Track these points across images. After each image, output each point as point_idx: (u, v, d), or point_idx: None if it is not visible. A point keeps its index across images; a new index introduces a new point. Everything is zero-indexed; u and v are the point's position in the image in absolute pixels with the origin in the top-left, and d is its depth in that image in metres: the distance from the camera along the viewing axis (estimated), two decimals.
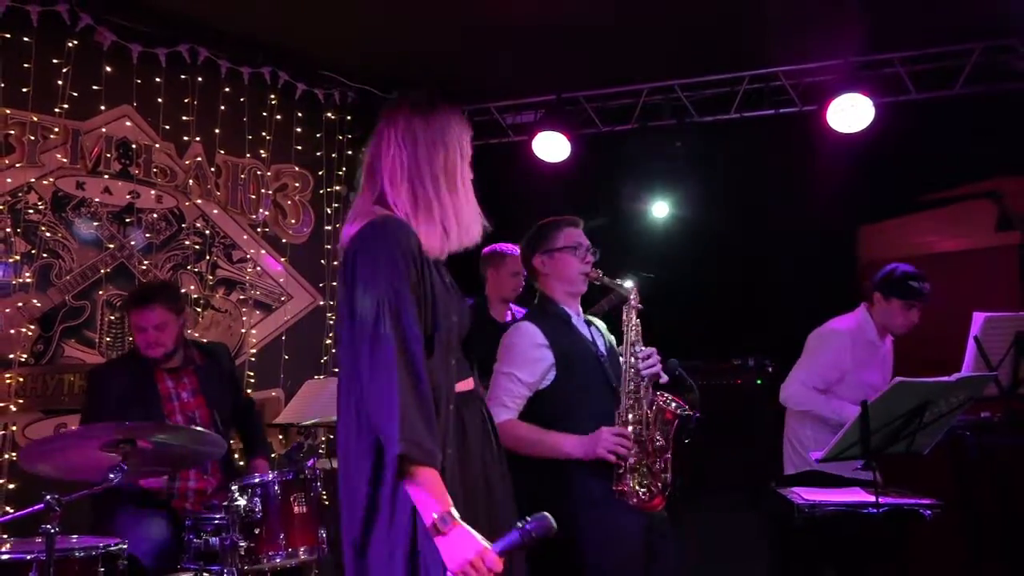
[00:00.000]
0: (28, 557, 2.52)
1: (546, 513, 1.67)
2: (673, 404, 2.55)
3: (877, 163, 4.67)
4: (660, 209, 5.21)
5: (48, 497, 2.42)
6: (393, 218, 1.84)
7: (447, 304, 1.84)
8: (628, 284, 2.66)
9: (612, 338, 2.81)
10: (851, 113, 4.45)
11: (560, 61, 4.81)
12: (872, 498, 2.70)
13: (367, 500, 1.74)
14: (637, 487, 2.49)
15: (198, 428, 2.89)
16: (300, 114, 5.01)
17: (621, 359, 2.59)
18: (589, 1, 4.12)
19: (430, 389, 1.73)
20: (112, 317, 4.22)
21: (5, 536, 2.97)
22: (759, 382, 5.04)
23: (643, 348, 2.58)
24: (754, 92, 4.97)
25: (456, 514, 1.68)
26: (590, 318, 2.83)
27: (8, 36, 3.86)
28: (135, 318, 3.36)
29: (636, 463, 2.49)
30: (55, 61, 4.02)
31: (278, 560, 2.80)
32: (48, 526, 2.42)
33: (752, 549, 4.02)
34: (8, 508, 3.60)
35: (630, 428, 2.50)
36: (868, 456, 2.55)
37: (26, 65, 3.92)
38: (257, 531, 2.78)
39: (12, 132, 3.93)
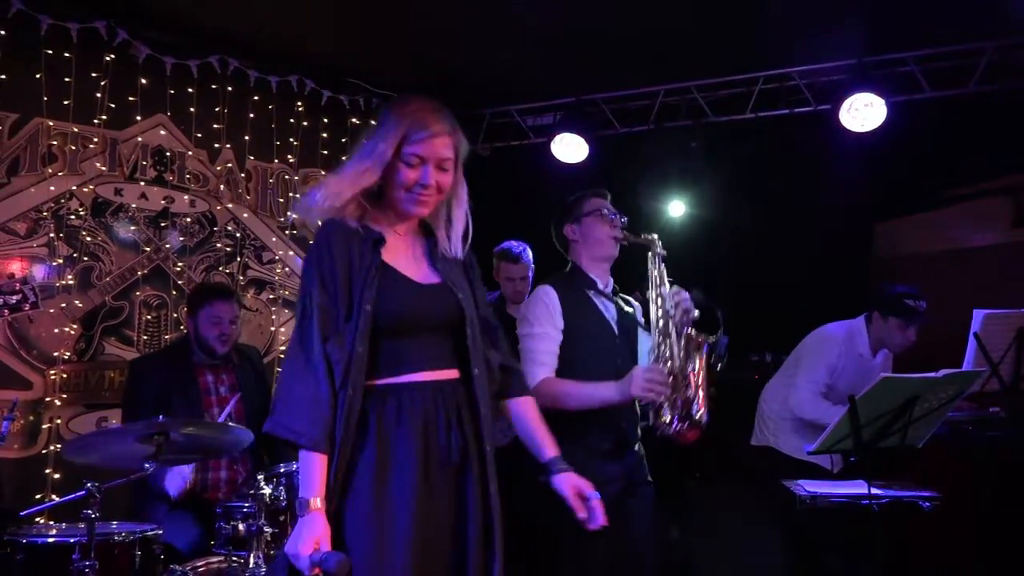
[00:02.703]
0: (71, 540, 2.73)
1: (338, 556, 1.71)
2: (699, 334, 2.60)
3: (891, 161, 4.71)
4: (676, 208, 5.30)
5: (89, 484, 2.62)
6: (325, 219, 1.95)
7: (364, 292, 1.87)
8: (652, 236, 2.74)
9: (638, 316, 2.87)
10: (865, 112, 4.50)
11: (578, 64, 4.92)
12: (876, 491, 2.78)
13: None
14: (671, 419, 2.55)
15: (229, 424, 3.06)
16: (326, 120, 5.18)
17: (651, 304, 2.67)
18: (607, 5, 4.22)
19: (321, 373, 1.81)
20: (149, 316, 4.43)
21: (51, 522, 3.18)
22: None
23: (668, 288, 2.66)
24: (769, 92, 5.03)
25: (313, 502, 1.76)
26: (625, 296, 2.90)
27: (50, 52, 4.08)
28: (216, 310, 3.51)
29: (670, 396, 2.55)
30: (94, 75, 4.24)
31: None
32: (89, 511, 2.61)
33: (764, 539, 4.11)
34: (54, 496, 3.83)
35: (662, 364, 2.56)
36: (860, 449, 2.63)
37: (67, 79, 4.14)
38: (282, 518, 2.93)
39: (55, 142, 4.16)
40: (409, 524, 1.80)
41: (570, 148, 5.19)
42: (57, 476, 3.96)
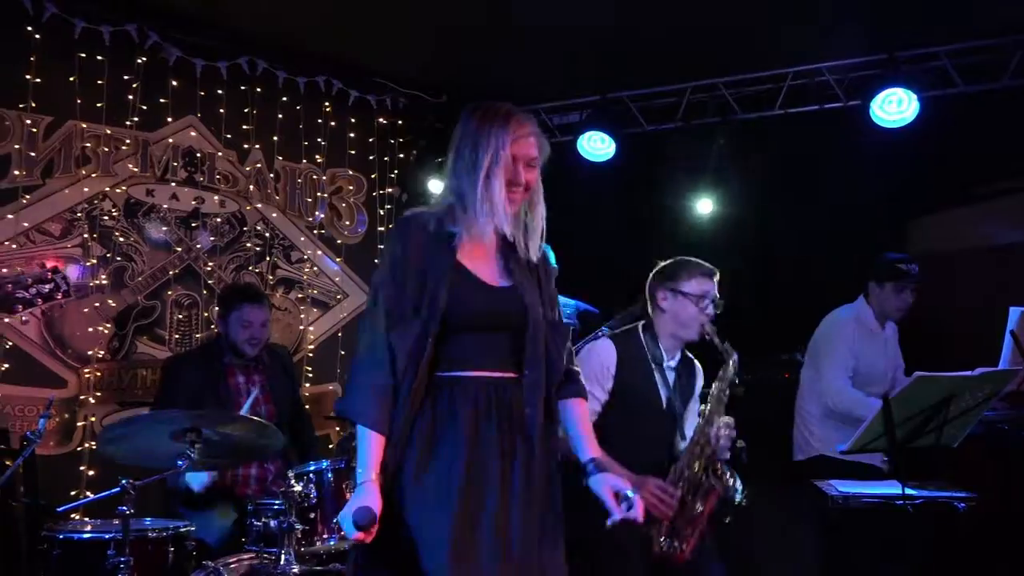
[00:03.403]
0: (107, 536, 2.77)
1: (367, 508, 1.83)
2: (729, 481, 2.60)
3: (923, 157, 4.64)
4: (705, 206, 5.26)
5: (124, 481, 2.65)
6: (405, 216, 2.09)
7: (438, 286, 1.95)
8: (732, 353, 2.67)
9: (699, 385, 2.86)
10: (897, 107, 4.45)
11: (605, 62, 4.91)
12: (910, 491, 2.75)
13: None
14: (662, 540, 2.59)
15: (262, 421, 3.09)
16: (353, 120, 5.21)
17: (700, 417, 2.65)
18: (633, 2, 4.20)
19: (387, 358, 1.94)
20: (180, 316, 4.49)
21: (86, 518, 3.23)
22: None
23: (723, 417, 2.62)
24: (798, 88, 4.97)
25: (367, 475, 1.90)
26: (691, 359, 2.87)
27: (83, 55, 4.14)
28: (246, 314, 3.56)
29: (669, 522, 2.57)
30: (126, 77, 4.30)
31: (331, 542, 2.98)
32: (124, 508, 2.65)
33: (797, 541, 4.07)
34: (88, 493, 3.88)
35: (679, 488, 2.56)
36: (895, 449, 2.60)
37: (99, 82, 4.20)
38: (312, 515, 2.96)
39: (88, 144, 4.22)
40: (454, 504, 1.87)
41: (597, 146, 5.18)
42: (92, 473, 4.02)
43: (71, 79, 4.11)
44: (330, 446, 4.91)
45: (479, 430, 1.94)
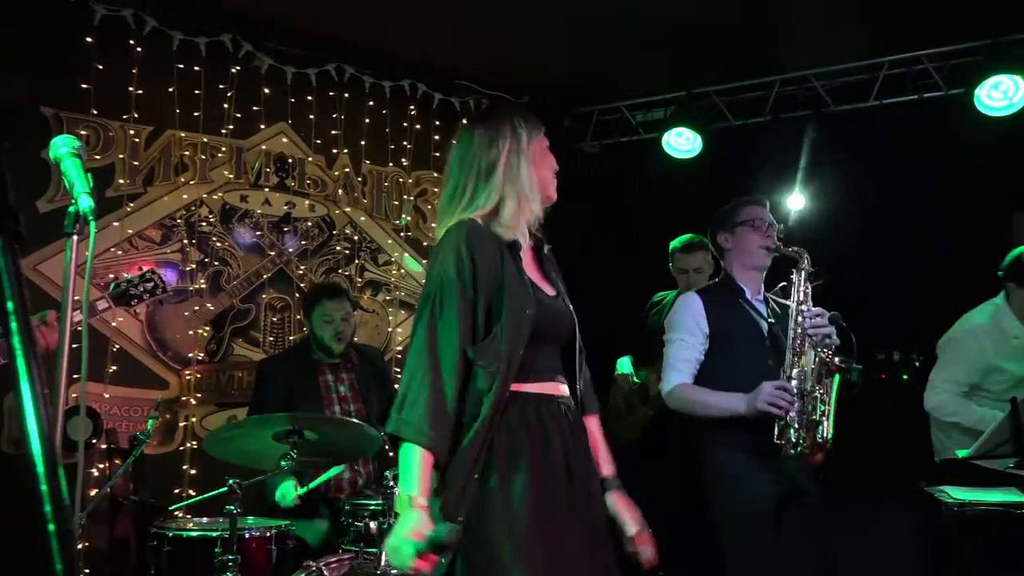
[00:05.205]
0: (214, 534, 2.85)
1: (449, 527, 1.71)
2: (836, 359, 2.61)
3: None
4: (797, 201, 5.12)
5: (231, 481, 2.73)
6: (466, 221, 1.94)
7: (520, 297, 1.89)
8: (799, 248, 2.78)
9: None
10: (1003, 95, 4.25)
11: (689, 57, 4.82)
12: None
13: None
14: (797, 439, 2.56)
15: (360, 423, 3.13)
16: (438, 122, 5.25)
17: (790, 319, 2.68)
18: None
19: (454, 373, 1.81)
20: (274, 319, 4.59)
21: (189, 515, 3.32)
22: (904, 377, 4.88)
23: (811, 307, 2.66)
24: (895, 77, 4.80)
25: (418, 500, 1.75)
26: (779, 300, 2.89)
27: (181, 67, 4.27)
28: (326, 309, 3.63)
29: (797, 415, 2.56)
30: (221, 86, 4.42)
31: None
32: (231, 507, 2.72)
33: (900, 549, 3.92)
34: (191, 491, 4.01)
35: (793, 382, 2.57)
36: (1022, 454, 2.46)
37: (196, 91, 4.33)
38: None
39: (186, 153, 4.35)
40: (530, 525, 1.81)
41: (681, 143, 5.09)
42: (193, 472, 4.14)
43: (170, 90, 4.24)
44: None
45: (549, 449, 1.89)
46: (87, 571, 3.74)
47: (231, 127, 4.47)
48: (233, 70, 4.45)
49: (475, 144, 1.98)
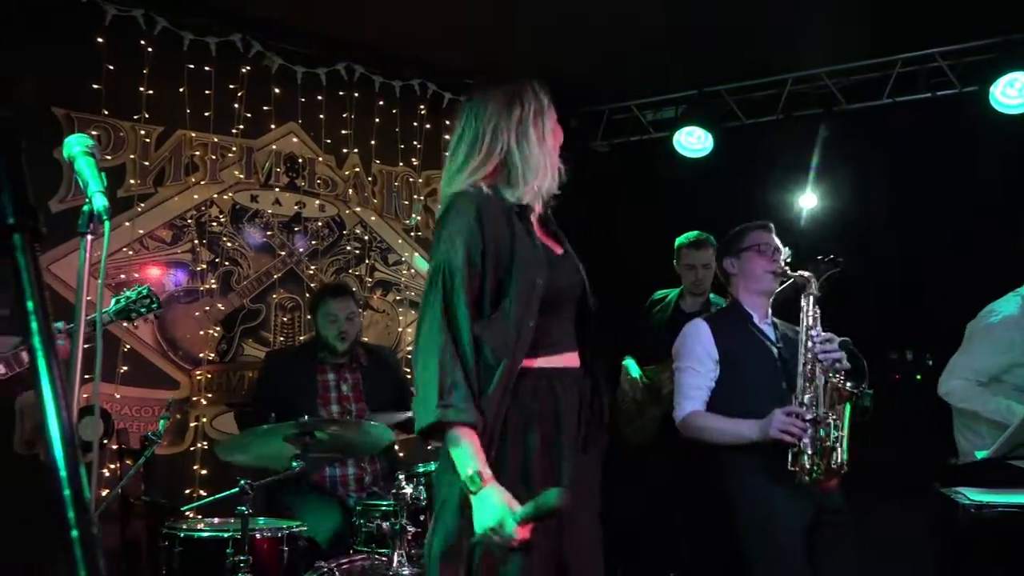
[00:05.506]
0: (225, 535, 2.84)
1: (558, 490, 1.67)
2: (848, 384, 2.60)
3: None
4: (808, 200, 5.09)
5: (243, 483, 2.72)
6: (466, 191, 1.90)
7: (529, 266, 1.84)
8: (806, 273, 2.75)
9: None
10: (1018, 92, 4.21)
11: (699, 55, 4.80)
12: None
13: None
14: (811, 466, 2.57)
15: (362, 422, 3.13)
16: (448, 122, 5.23)
17: (800, 345, 2.67)
18: None
19: (470, 348, 1.76)
20: (284, 319, 4.59)
21: (200, 515, 3.32)
22: (918, 377, 4.84)
23: (820, 332, 2.65)
24: (908, 75, 4.76)
25: (486, 473, 1.71)
26: (788, 325, 2.88)
27: (191, 67, 4.27)
28: (330, 308, 3.65)
29: (811, 442, 2.56)
30: (231, 86, 4.41)
31: None
32: (243, 508, 2.72)
33: (914, 551, 3.89)
34: (201, 491, 4.00)
35: (805, 409, 2.57)
36: None
37: (207, 91, 4.32)
38: (422, 517, 2.98)
39: (197, 153, 4.35)
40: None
41: (692, 142, 5.07)
42: (204, 472, 4.14)
43: (180, 90, 4.24)
44: (428, 447, 4.94)
45: (561, 424, 1.86)
46: None
47: (241, 127, 4.46)
48: (243, 70, 4.44)
49: (495, 101, 1.94)
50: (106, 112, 4.05)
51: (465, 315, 1.78)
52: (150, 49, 4.13)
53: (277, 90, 4.55)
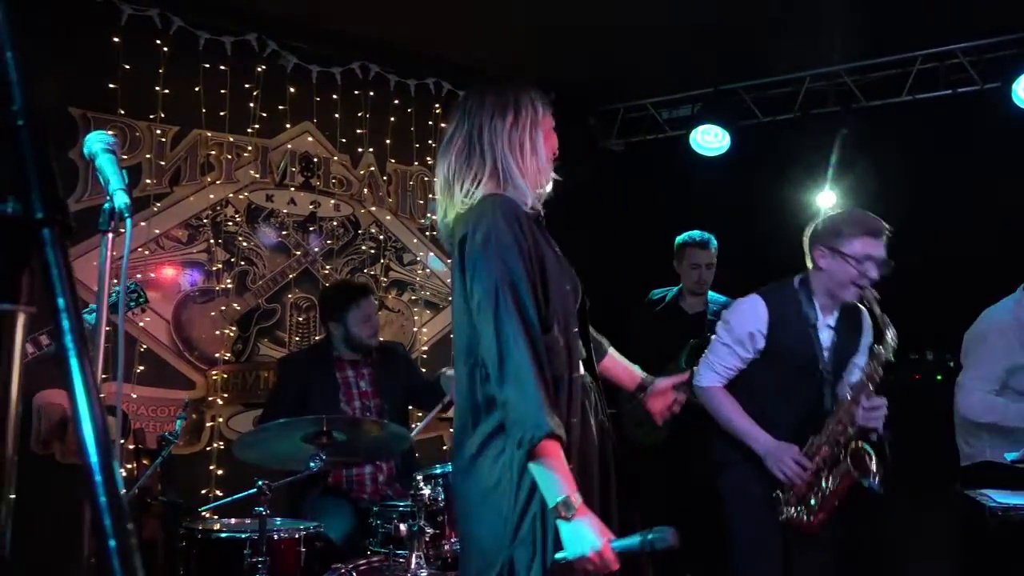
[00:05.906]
0: (243, 536, 2.82)
1: (670, 528, 1.58)
2: (869, 467, 2.53)
3: None
4: (827, 199, 5.04)
5: (261, 483, 2.70)
6: (497, 197, 1.84)
7: (560, 274, 1.85)
8: (891, 332, 2.53)
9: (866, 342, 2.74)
10: None
11: (716, 53, 4.76)
12: None
13: (486, 471, 1.76)
14: (793, 510, 2.56)
15: (389, 423, 3.10)
16: None
17: (848, 389, 2.59)
18: None
19: (544, 367, 1.70)
20: (300, 318, 4.57)
21: (216, 516, 3.31)
22: (939, 378, 4.78)
23: (873, 397, 2.52)
24: (928, 72, 4.71)
25: (578, 499, 1.63)
26: (858, 310, 2.75)
27: (207, 66, 4.26)
28: (364, 307, 3.63)
29: (804, 486, 2.55)
30: (247, 86, 4.41)
31: (459, 546, 2.96)
32: (261, 508, 2.70)
33: (936, 552, 3.84)
34: (218, 491, 4.00)
35: (815, 461, 2.53)
36: None
37: (222, 91, 4.32)
38: (440, 519, 2.95)
39: (212, 152, 4.34)
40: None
41: (709, 140, 5.03)
42: (220, 472, 4.13)
43: (196, 89, 4.23)
44: (444, 448, 4.93)
45: (588, 434, 1.86)
46: None
47: (257, 126, 4.45)
48: (259, 69, 4.43)
49: (489, 106, 1.91)
50: (122, 112, 4.05)
51: (538, 328, 1.72)
52: (166, 49, 4.13)
53: (292, 89, 4.54)
